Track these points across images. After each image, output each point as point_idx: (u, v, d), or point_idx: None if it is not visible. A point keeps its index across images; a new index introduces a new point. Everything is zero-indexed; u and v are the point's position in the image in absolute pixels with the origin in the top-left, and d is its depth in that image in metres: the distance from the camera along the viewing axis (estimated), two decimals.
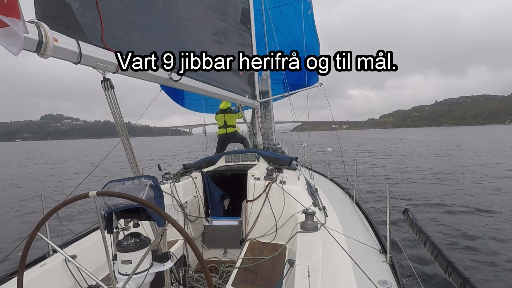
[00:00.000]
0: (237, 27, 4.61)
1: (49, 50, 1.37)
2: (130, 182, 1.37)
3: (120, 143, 1.85)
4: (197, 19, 3.26)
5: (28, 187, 14.87)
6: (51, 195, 10.04)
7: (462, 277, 1.45)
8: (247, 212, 3.01)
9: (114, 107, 1.77)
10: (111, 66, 1.81)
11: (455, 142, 37.94)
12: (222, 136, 6.66)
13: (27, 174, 20.72)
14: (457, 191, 9.73)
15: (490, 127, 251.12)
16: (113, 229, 1.38)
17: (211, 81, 3.45)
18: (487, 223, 6.47)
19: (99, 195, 1.16)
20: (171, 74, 2.48)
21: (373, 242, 2.83)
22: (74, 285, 2.06)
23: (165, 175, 3.44)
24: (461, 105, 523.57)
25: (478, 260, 4.81)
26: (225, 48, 4.15)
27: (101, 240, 1.19)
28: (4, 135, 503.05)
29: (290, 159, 4.14)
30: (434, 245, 1.86)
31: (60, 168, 24.11)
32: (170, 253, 1.46)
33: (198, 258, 1.08)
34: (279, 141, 7.15)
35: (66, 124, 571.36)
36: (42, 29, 1.34)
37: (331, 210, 3.40)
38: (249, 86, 5.31)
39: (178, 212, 3.08)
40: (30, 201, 9.98)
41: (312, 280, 1.59)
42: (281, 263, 2.33)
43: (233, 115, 6.54)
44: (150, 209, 1.16)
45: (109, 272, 1.27)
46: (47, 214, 1.21)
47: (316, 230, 2.36)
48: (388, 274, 2.23)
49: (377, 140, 55.00)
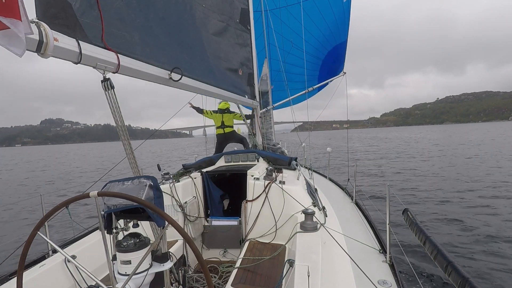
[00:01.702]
0: (236, 27, 4.62)
1: (50, 50, 1.37)
2: (130, 182, 1.38)
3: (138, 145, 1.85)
4: (197, 20, 3.26)
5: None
6: (51, 195, 10.05)
7: (461, 277, 1.46)
8: (247, 212, 3.01)
9: (114, 107, 1.77)
10: (111, 66, 1.81)
11: (477, 141, 33.56)
12: (220, 136, 6.70)
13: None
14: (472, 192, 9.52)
15: (494, 123, 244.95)
16: (113, 229, 1.38)
17: (210, 81, 3.46)
18: (487, 223, 6.47)
19: (100, 195, 1.16)
20: (171, 74, 2.48)
21: (372, 242, 2.83)
22: (73, 285, 2.06)
23: (164, 175, 3.44)
24: (463, 102, 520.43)
25: (478, 260, 4.82)
26: (225, 48, 4.15)
27: (100, 240, 1.19)
28: (3, 140, 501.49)
29: (289, 159, 4.14)
30: (434, 245, 1.86)
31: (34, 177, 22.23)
32: (169, 253, 1.46)
33: (198, 258, 1.08)
34: (278, 141, 7.16)
35: (66, 128, 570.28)
36: (42, 29, 1.33)
37: (330, 210, 3.40)
38: (248, 86, 5.30)
39: (177, 212, 3.08)
40: (30, 202, 9.98)
41: (311, 280, 1.59)
42: (280, 263, 2.33)
43: (231, 115, 6.61)
44: (150, 209, 1.17)
45: (109, 272, 1.27)
46: (47, 214, 1.21)
47: (315, 230, 2.36)
48: (387, 274, 2.24)
49: (385, 139, 51.50)
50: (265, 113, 6.60)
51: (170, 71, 2.48)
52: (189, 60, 3.03)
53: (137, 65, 2.11)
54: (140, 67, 2.15)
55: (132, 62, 2.06)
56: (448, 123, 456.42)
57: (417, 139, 46.80)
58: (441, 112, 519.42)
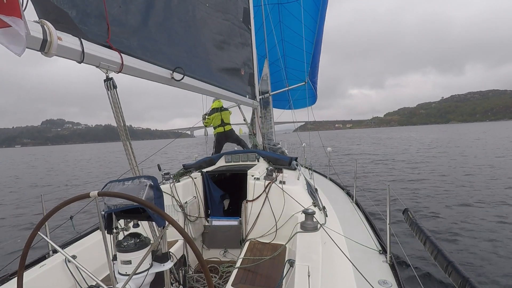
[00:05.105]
0: (239, 26, 4.62)
1: (53, 49, 1.37)
2: (130, 182, 1.37)
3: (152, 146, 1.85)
4: (200, 19, 3.25)
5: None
6: (52, 195, 10.05)
7: (462, 277, 1.45)
8: (247, 212, 3.01)
9: (116, 107, 1.77)
10: (114, 66, 1.81)
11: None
12: (220, 135, 6.69)
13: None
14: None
15: (503, 123, 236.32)
16: (113, 230, 1.38)
17: (212, 81, 3.46)
18: (488, 223, 6.46)
19: (100, 195, 1.16)
20: (173, 74, 2.48)
21: (373, 242, 2.83)
22: (74, 285, 2.06)
23: (165, 175, 3.44)
24: (469, 101, 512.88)
25: (479, 260, 4.81)
26: (228, 48, 4.15)
27: (101, 240, 1.19)
28: (3, 141, 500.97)
29: (290, 159, 4.14)
30: (434, 245, 1.86)
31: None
32: (170, 253, 1.46)
33: (198, 258, 1.08)
34: (279, 141, 7.16)
35: (67, 129, 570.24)
36: (46, 28, 1.34)
37: (331, 210, 3.40)
38: (249, 86, 5.31)
39: (178, 212, 3.08)
40: (30, 202, 9.98)
41: (312, 280, 1.59)
42: (281, 263, 2.33)
43: (227, 112, 6.65)
44: (150, 209, 1.16)
45: (109, 273, 1.27)
46: (47, 214, 1.21)
47: (316, 230, 2.36)
48: (388, 274, 2.23)
49: (394, 139, 46.78)
50: (265, 113, 6.61)
51: (172, 71, 2.48)
52: (191, 60, 3.03)
53: (140, 64, 2.11)
54: (143, 67, 2.15)
55: (135, 62, 2.06)
56: (454, 122, 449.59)
57: (443, 138, 41.42)
58: (447, 111, 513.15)
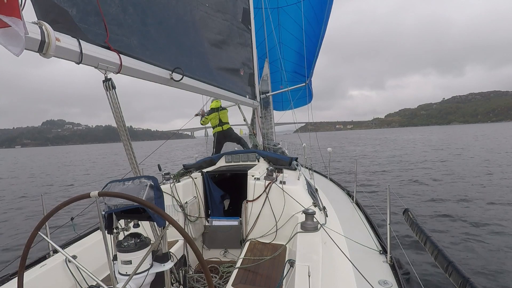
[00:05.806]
0: (239, 26, 4.61)
1: (52, 50, 1.37)
2: (130, 182, 1.38)
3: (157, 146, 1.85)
4: (199, 19, 3.25)
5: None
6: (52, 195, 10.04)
7: (462, 277, 1.45)
8: (247, 212, 3.01)
9: (115, 107, 1.77)
10: (113, 66, 1.81)
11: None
12: (219, 134, 6.72)
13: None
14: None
15: (504, 124, 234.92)
16: (114, 230, 1.38)
17: (212, 81, 3.45)
18: (488, 223, 6.45)
19: (101, 195, 1.16)
20: (172, 74, 2.48)
21: (373, 242, 2.83)
22: (74, 285, 2.06)
23: (165, 175, 3.44)
24: (470, 102, 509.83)
25: (479, 260, 4.80)
26: (227, 48, 4.15)
27: (101, 241, 1.19)
28: (3, 141, 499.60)
29: (290, 159, 4.14)
30: (434, 245, 1.86)
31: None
32: (170, 254, 1.46)
33: (198, 258, 1.08)
34: (279, 141, 7.16)
35: (68, 129, 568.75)
36: (44, 29, 1.34)
37: (331, 210, 3.39)
38: (249, 86, 5.31)
39: (178, 213, 3.08)
40: (30, 202, 9.98)
41: (312, 280, 1.59)
42: (281, 263, 2.33)
43: (225, 111, 6.70)
44: (150, 209, 1.16)
45: (110, 273, 1.27)
46: (47, 214, 1.21)
47: (316, 230, 2.35)
48: (388, 274, 2.23)
49: (401, 140, 44.71)
50: (265, 114, 6.62)
51: (171, 71, 2.48)
52: (190, 60, 3.03)
53: (139, 65, 2.11)
54: (142, 67, 2.15)
55: (134, 62, 2.06)
56: (456, 123, 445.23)
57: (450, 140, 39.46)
58: (448, 112, 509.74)
